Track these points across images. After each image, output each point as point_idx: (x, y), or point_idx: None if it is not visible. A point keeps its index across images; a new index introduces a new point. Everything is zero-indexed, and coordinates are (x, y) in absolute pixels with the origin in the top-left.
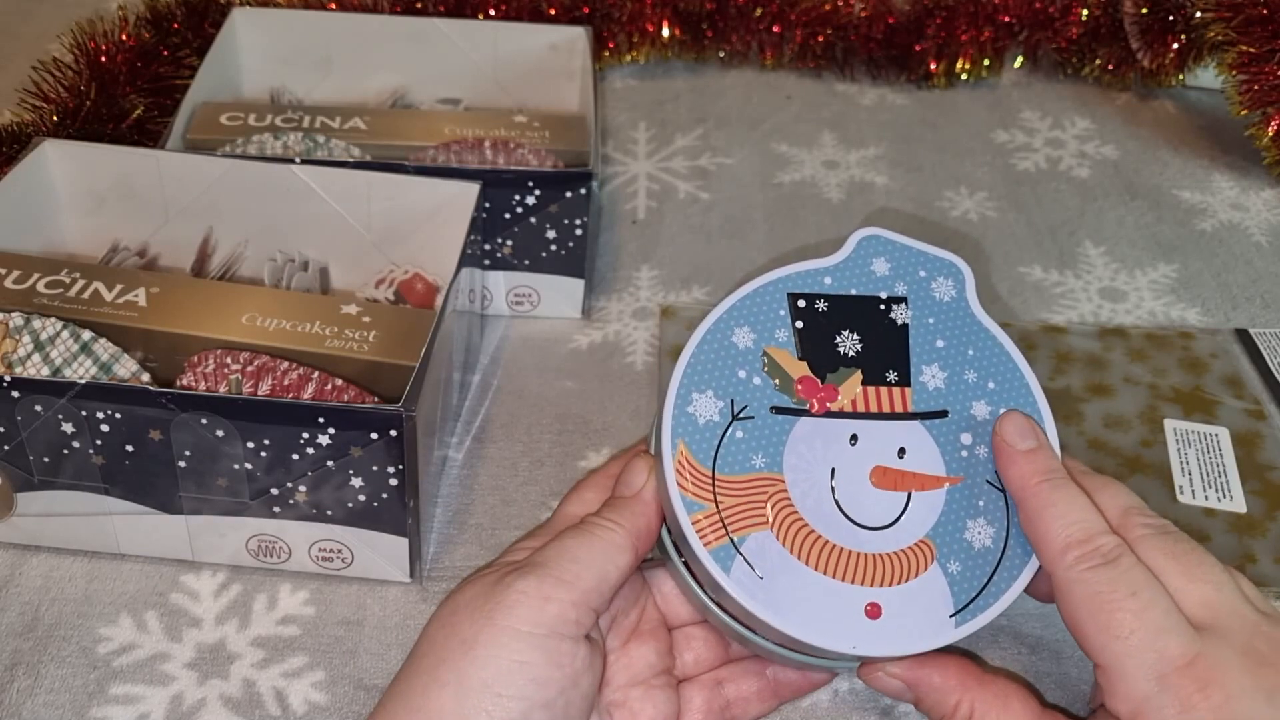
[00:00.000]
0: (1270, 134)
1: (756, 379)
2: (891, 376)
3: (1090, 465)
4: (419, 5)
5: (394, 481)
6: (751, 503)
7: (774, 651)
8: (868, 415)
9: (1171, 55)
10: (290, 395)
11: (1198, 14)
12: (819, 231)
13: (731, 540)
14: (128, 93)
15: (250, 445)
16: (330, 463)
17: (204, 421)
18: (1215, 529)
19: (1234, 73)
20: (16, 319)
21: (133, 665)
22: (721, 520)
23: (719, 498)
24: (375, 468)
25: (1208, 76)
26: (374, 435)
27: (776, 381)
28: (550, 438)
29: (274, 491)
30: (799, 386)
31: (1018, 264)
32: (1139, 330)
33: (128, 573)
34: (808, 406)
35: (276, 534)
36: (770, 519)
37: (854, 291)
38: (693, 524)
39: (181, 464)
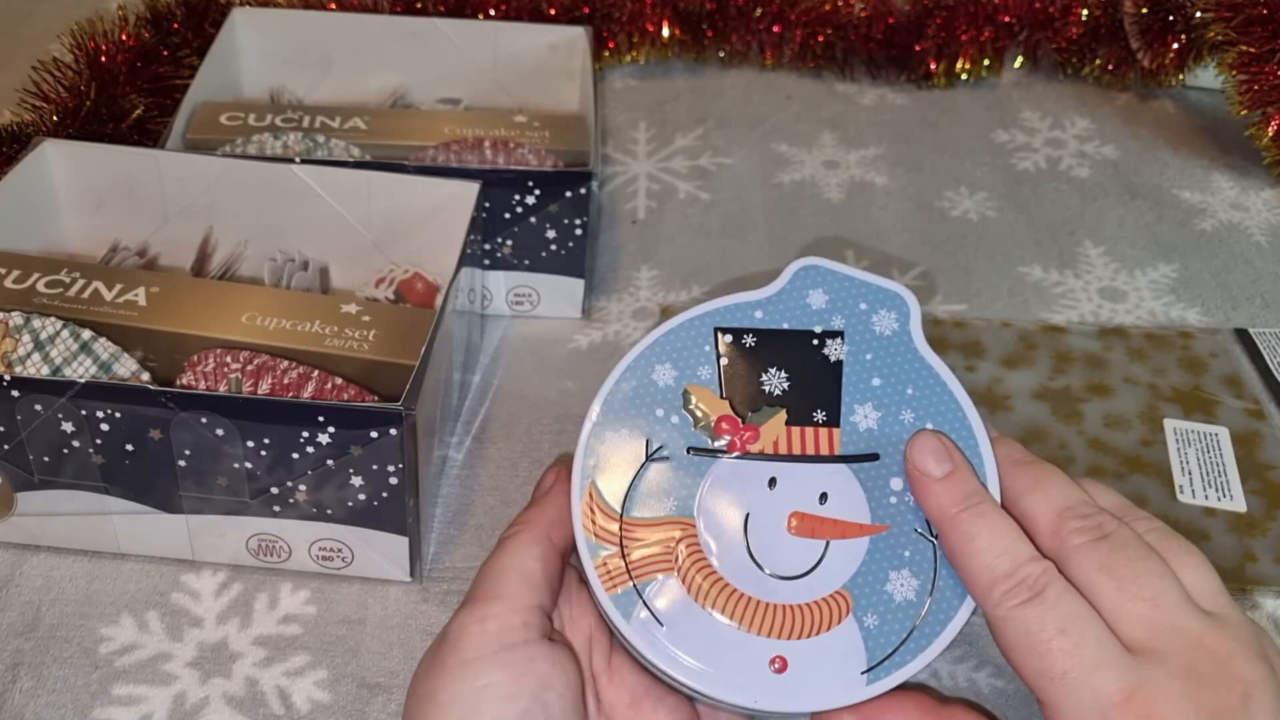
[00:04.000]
0: (1270, 134)
1: (675, 418)
2: (819, 416)
3: (1090, 465)
4: (419, 5)
5: (394, 480)
6: (659, 547)
7: (695, 697)
8: (789, 458)
9: (1171, 55)
10: (290, 394)
11: (1198, 14)
12: (819, 231)
13: (635, 585)
14: (128, 93)
15: (250, 444)
16: (330, 462)
17: (204, 421)
18: (1215, 529)
19: (1234, 73)
20: (16, 318)
21: (135, 665)
22: (626, 565)
23: (625, 541)
24: (375, 467)
25: (1208, 76)
26: (374, 434)
27: (696, 421)
28: (550, 438)
29: (274, 491)
30: (718, 426)
31: (1018, 264)
32: (1139, 330)
33: (128, 572)
34: (726, 447)
35: (277, 533)
36: (677, 565)
37: (785, 325)
38: (596, 568)
39: (181, 463)
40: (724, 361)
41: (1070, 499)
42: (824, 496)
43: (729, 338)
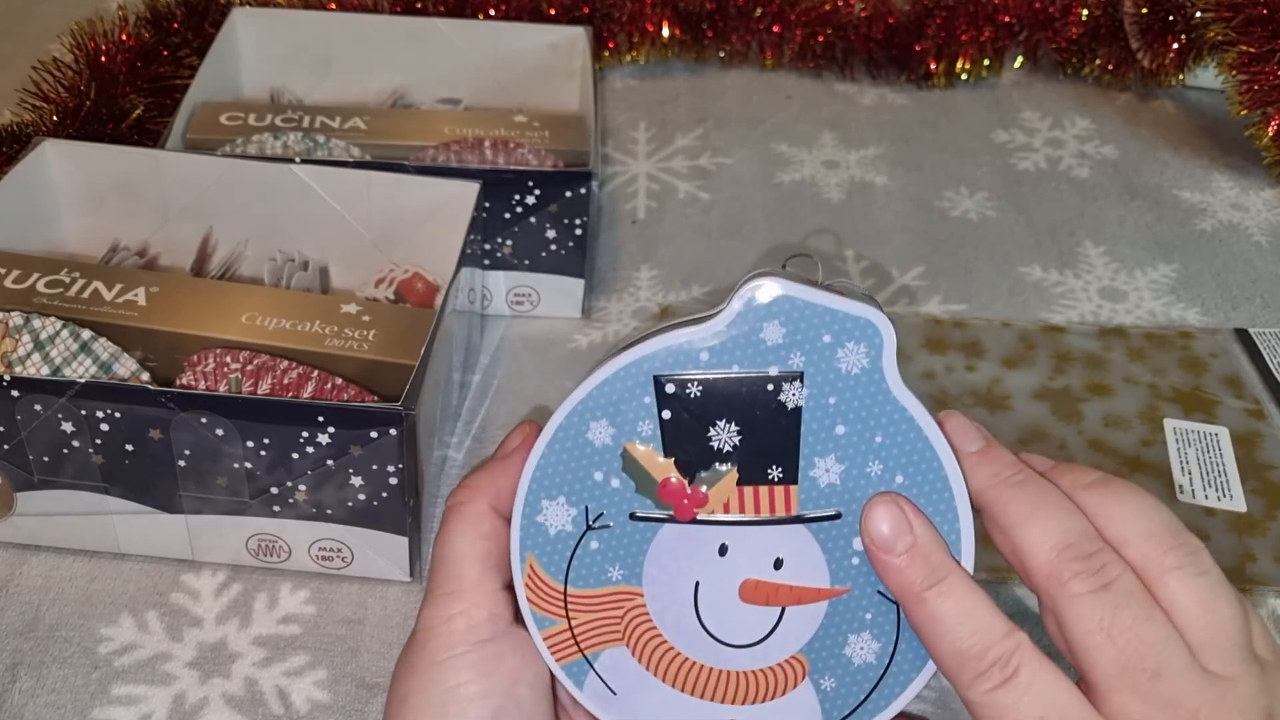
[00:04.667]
0: (1270, 134)
1: (615, 481)
2: (775, 473)
3: (1090, 465)
4: (419, 5)
5: (394, 480)
6: (606, 618)
7: None
8: (742, 521)
9: (1171, 55)
10: (290, 394)
11: (1198, 14)
12: (819, 231)
13: (585, 657)
14: (128, 93)
15: (250, 444)
16: (330, 462)
17: (204, 420)
18: (1215, 528)
19: (1234, 73)
20: (16, 318)
21: (134, 665)
22: (574, 637)
23: (571, 613)
24: (375, 466)
25: (1208, 76)
26: (374, 434)
27: (637, 484)
28: None
29: (274, 491)
30: (662, 490)
31: (1018, 264)
32: (1139, 330)
33: (128, 572)
34: (671, 513)
35: (277, 533)
36: (625, 635)
37: (735, 370)
38: (544, 640)
39: (181, 463)
40: (666, 415)
41: (1070, 533)
42: (779, 562)
43: (670, 388)
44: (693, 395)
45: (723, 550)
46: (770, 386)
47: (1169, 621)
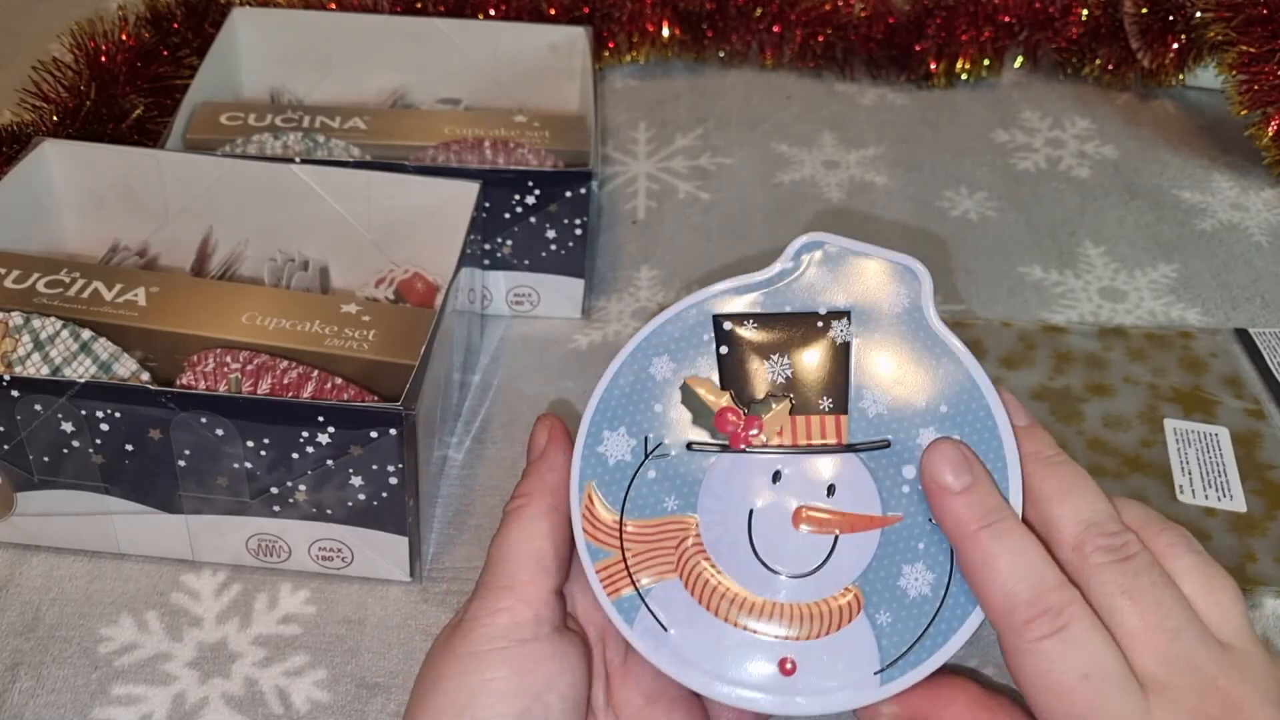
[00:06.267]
0: (1270, 134)
1: (674, 413)
2: (825, 404)
3: (1090, 465)
4: (419, 5)
5: (394, 480)
6: (660, 549)
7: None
8: (794, 449)
9: (1171, 55)
10: (290, 394)
11: (1198, 14)
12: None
13: (637, 590)
14: (128, 93)
15: (250, 444)
16: (330, 461)
17: (204, 420)
18: (1215, 528)
19: (1234, 73)
20: (16, 318)
21: (134, 665)
22: (627, 568)
23: (625, 544)
24: (375, 466)
25: (1208, 76)
26: (374, 434)
27: (695, 415)
28: None
29: (274, 491)
30: (719, 419)
31: (1018, 264)
32: (1139, 330)
33: (128, 572)
34: (727, 441)
35: (277, 533)
36: (679, 567)
37: (788, 308)
38: (597, 572)
39: (181, 463)
40: (724, 351)
41: (1099, 513)
42: (831, 489)
43: (728, 325)
44: (748, 332)
45: (776, 477)
46: (820, 324)
47: (1183, 594)
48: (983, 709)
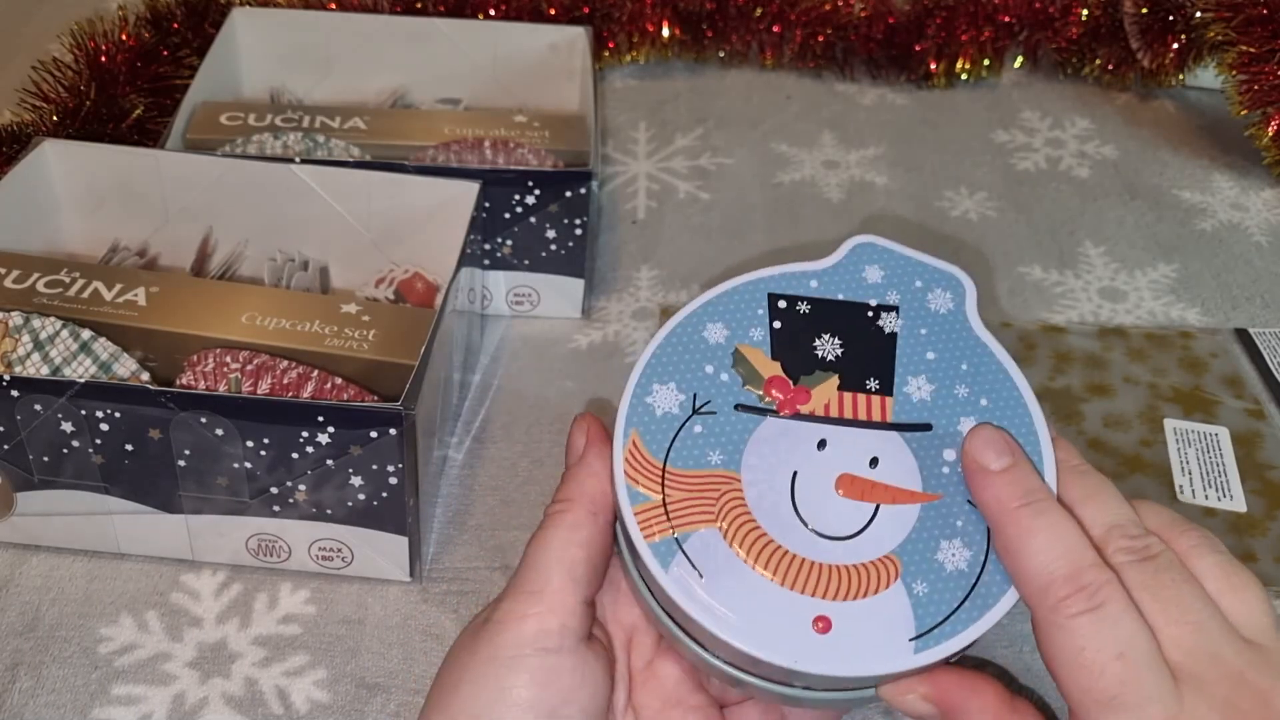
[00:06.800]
0: (1270, 134)
1: (724, 375)
2: (872, 384)
3: (1090, 466)
4: (419, 5)
5: (394, 480)
6: (702, 499)
7: (751, 684)
8: (841, 421)
9: (1171, 55)
10: (290, 394)
11: (1198, 14)
12: (819, 231)
13: (675, 535)
14: (128, 93)
15: (250, 444)
16: (330, 461)
17: (204, 420)
18: (1215, 528)
19: (1234, 73)
20: (16, 318)
21: (134, 665)
22: (666, 513)
23: (667, 490)
24: (375, 466)
25: (1208, 76)
26: (374, 434)
27: (745, 379)
28: (550, 438)
29: (274, 490)
30: (768, 386)
31: (1018, 264)
32: (1139, 330)
33: (128, 572)
34: (775, 407)
35: (277, 533)
36: (719, 517)
37: (840, 296)
38: (635, 514)
39: (181, 463)
40: (777, 325)
41: (1122, 517)
42: (875, 461)
43: (783, 303)
44: (802, 311)
45: (821, 444)
46: (870, 313)
47: (1206, 592)
48: (1008, 707)
